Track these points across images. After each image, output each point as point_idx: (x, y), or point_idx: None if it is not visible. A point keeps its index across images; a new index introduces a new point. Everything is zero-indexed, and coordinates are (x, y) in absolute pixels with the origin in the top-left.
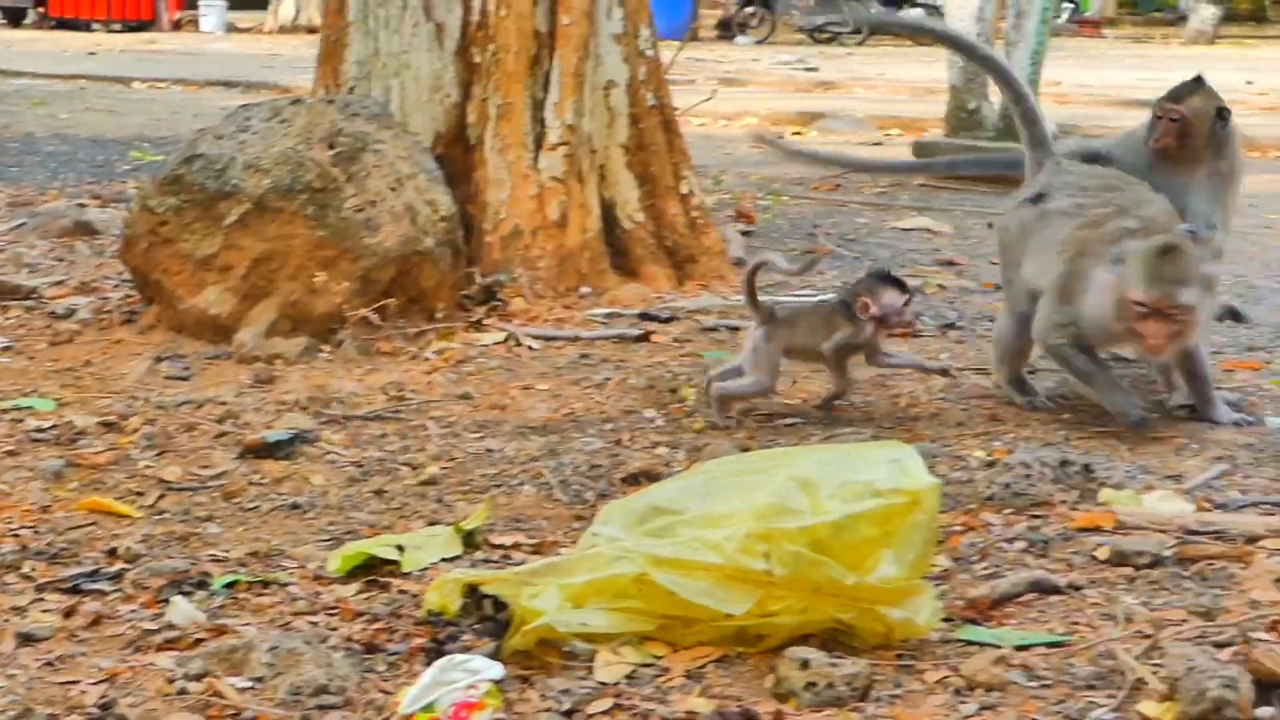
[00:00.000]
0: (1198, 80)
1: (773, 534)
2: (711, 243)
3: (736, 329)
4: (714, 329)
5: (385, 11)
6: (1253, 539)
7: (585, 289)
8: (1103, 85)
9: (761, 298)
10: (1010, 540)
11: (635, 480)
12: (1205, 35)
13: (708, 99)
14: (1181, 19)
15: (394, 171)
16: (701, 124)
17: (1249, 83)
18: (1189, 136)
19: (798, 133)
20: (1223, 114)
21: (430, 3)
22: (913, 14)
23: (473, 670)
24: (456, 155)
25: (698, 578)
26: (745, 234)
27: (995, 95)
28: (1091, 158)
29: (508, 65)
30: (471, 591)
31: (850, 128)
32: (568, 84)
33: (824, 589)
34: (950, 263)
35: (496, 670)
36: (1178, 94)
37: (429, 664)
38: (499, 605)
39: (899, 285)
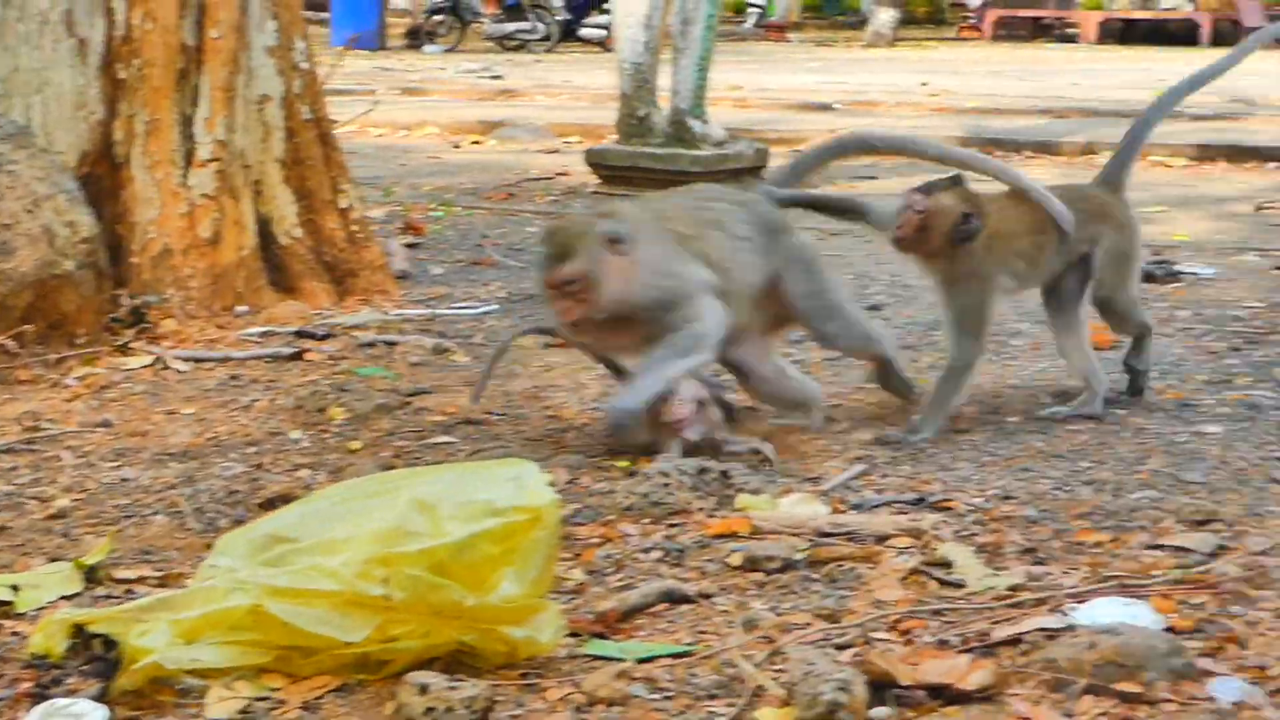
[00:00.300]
0: (954, 179)
1: (391, 558)
2: (373, 257)
3: (394, 344)
4: (371, 345)
5: (24, 27)
6: (882, 538)
7: (241, 308)
8: (783, 89)
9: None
10: (646, 550)
11: (273, 505)
12: (885, 38)
13: (368, 111)
14: (864, 22)
15: (30, 193)
16: (381, 134)
17: (924, 84)
18: (928, 232)
19: (476, 141)
20: (969, 219)
21: (72, 18)
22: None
23: (75, 714)
24: (103, 174)
25: (315, 606)
26: (412, 246)
27: (665, 102)
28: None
29: (154, 81)
30: (80, 631)
31: (530, 135)
32: (218, 99)
33: (445, 611)
34: None
35: (100, 714)
36: (928, 188)
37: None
38: (110, 644)
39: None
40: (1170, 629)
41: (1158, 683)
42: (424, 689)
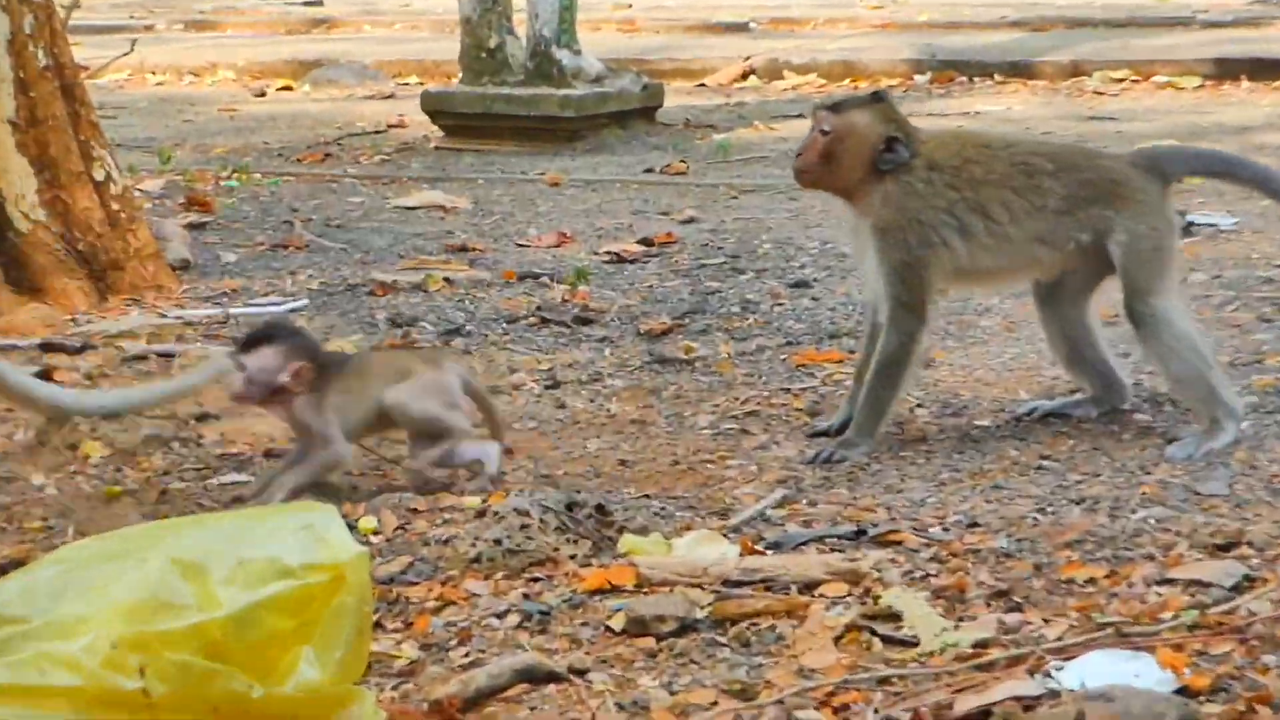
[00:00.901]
0: (876, 95)
1: (148, 639)
2: (141, 243)
3: (171, 356)
4: (141, 358)
5: None
6: (810, 586)
7: None
8: (684, 6)
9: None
10: (500, 615)
11: (3, 573)
12: None
13: (126, 53)
14: None
15: None
16: (160, 82)
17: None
18: (838, 161)
19: (285, 87)
20: (894, 144)
21: None
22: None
23: None
24: None
25: (51, 707)
26: (197, 227)
27: (521, 28)
28: None
29: None
30: None
31: (354, 78)
32: None
33: (224, 708)
34: (463, 249)
35: None
36: (838, 104)
37: None
38: None
39: (268, 342)
40: (1183, 689)
41: None
42: None
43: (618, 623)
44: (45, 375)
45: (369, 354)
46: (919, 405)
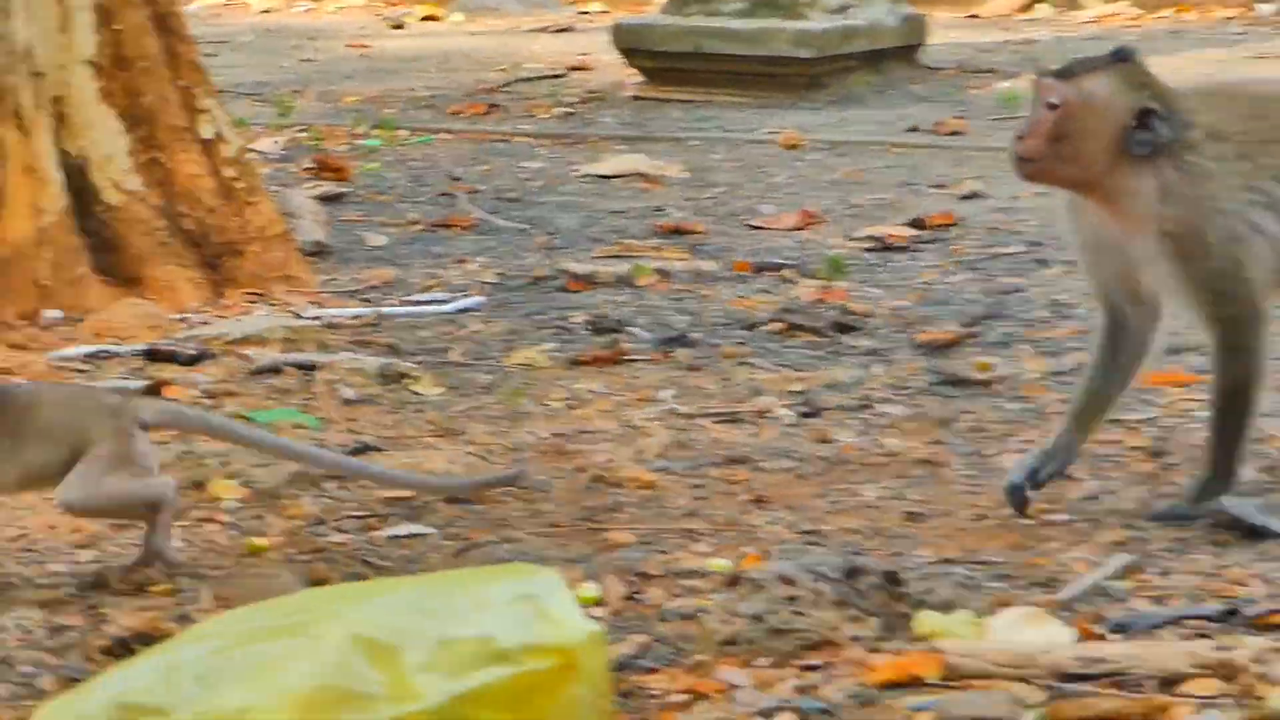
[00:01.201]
0: (1119, 53)
1: None
2: (265, 221)
3: (312, 367)
4: (274, 370)
5: None
6: (1170, 682)
7: (51, 313)
8: None
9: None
10: (768, 714)
11: (126, 649)
12: None
13: None
14: None
15: None
16: (268, 10)
17: None
18: (1070, 146)
19: (430, 16)
20: (1147, 119)
21: None
22: None
23: None
24: None
25: None
26: (332, 200)
27: None
28: None
29: None
30: None
31: (518, 4)
32: None
33: None
34: (677, 231)
35: None
36: (1068, 68)
37: None
38: None
39: None
40: None
41: None
42: None
43: None
44: (153, 391)
45: (36, 394)
46: None
